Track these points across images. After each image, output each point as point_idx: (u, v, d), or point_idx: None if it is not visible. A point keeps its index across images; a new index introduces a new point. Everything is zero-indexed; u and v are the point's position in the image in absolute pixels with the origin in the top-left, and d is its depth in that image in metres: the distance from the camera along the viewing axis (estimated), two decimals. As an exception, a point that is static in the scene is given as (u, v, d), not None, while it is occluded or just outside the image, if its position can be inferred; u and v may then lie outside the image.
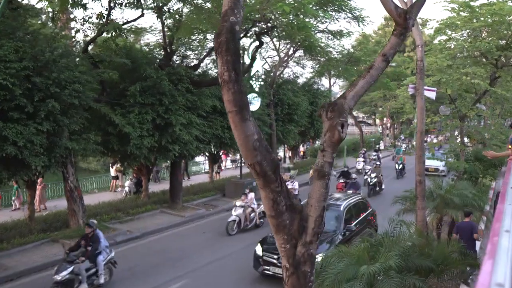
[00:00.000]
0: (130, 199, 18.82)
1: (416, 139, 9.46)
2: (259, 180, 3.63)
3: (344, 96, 3.69)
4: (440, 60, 12.73)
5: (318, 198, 3.75)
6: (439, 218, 11.65)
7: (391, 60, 3.83)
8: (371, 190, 20.99)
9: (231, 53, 3.34)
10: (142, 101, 15.39)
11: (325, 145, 3.70)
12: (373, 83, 3.76)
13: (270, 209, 3.71)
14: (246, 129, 3.44)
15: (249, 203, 15.42)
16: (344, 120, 3.58)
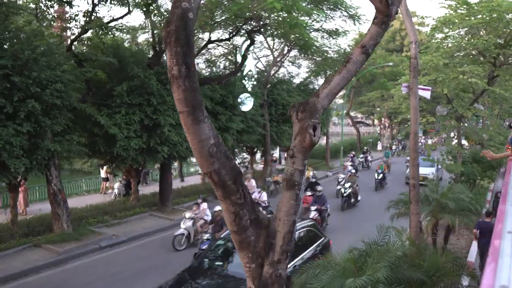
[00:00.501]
0: (119, 202, 18.34)
1: (410, 140, 8.99)
2: (218, 191, 3.16)
3: (317, 94, 3.22)
4: (436, 59, 12.26)
5: (287, 211, 3.27)
6: (435, 223, 11.18)
7: (371, 53, 3.36)
8: (344, 202, 18.83)
9: (182, 44, 2.87)
10: (130, 101, 14.92)
11: (295, 151, 3.23)
12: (350, 78, 3.30)
13: (232, 223, 3.24)
14: (200, 133, 2.97)
15: (200, 214, 13.82)
16: (316, 121, 3.11)
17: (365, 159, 31.36)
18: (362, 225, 12.36)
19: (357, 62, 3.25)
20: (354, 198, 19.38)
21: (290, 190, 3.26)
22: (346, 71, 3.20)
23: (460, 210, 10.97)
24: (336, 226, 15.88)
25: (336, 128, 63.15)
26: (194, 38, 17.84)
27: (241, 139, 20.22)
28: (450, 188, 11.39)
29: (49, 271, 12.01)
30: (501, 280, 1.19)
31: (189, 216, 13.61)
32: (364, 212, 18.62)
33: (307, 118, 3.08)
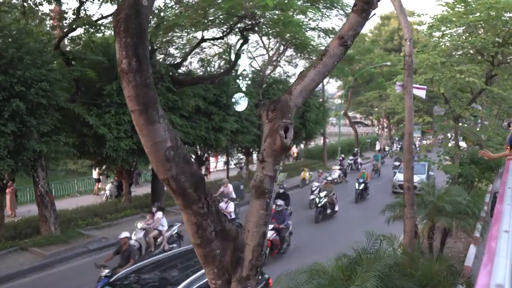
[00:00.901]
0: (111, 203, 18.00)
1: (404, 141, 8.64)
2: (177, 200, 2.83)
3: (290, 91, 2.88)
4: (432, 57, 11.92)
5: (256, 222, 2.94)
6: (431, 227, 10.84)
7: (350, 45, 3.02)
8: (319, 214, 16.67)
9: (132, 34, 2.53)
10: (120, 100, 14.58)
11: (265, 154, 2.89)
12: (327, 74, 2.96)
13: (194, 235, 2.90)
14: (154, 134, 2.64)
15: (153, 225, 12.50)
16: (288, 122, 2.77)
17: (354, 162, 29.86)
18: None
19: (335, 55, 2.91)
20: (330, 209, 17.31)
21: (259, 198, 2.92)
22: (322, 66, 2.86)
23: (457, 213, 10.63)
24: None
25: (335, 129, 62.85)
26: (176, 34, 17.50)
27: (236, 139, 19.88)
28: (447, 190, 11.05)
29: (35, 275, 11.70)
30: (497, 279, 1.19)
31: (141, 227, 12.28)
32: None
33: (278, 118, 2.75)
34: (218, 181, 21.98)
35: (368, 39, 41.72)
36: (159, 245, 12.49)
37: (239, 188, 19.67)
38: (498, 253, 1.41)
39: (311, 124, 26.19)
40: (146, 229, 12.30)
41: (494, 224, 1.87)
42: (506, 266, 1.31)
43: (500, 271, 1.27)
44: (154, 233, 12.46)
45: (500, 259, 1.36)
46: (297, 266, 6.29)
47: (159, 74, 15.31)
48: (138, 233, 12.19)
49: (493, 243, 1.53)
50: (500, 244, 1.51)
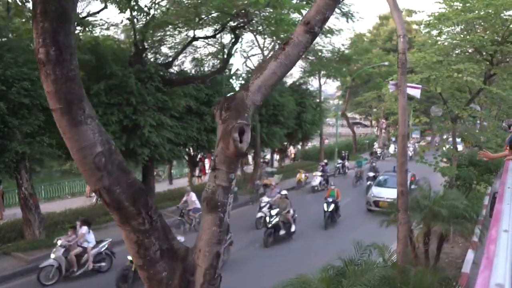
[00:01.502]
0: (100, 206, 17.53)
1: (398, 142, 8.21)
2: (113, 214, 2.40)
3: (247, 87, 2.47)
4: (429, 56, 11.49)
5: (208, 241, 2.52)
6: (426, 232, 10.40)
7: (319, 32, 2.60)
8: (269, 235, 13.65)
9: (51, 18, 2.11)
10: (107, 100, 14.22)
11: (217, 161, 2.46)
12: (291, 66, 2.54)
13: (135, 256, 2.48)
14: (80, 138, 2.23)
15: (75, 241, 11.07)
16: (244, 122, 2.35)
17: (342, 165, 27.57)
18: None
19: (300, 43, 2.49)
20: (284, 230, 14.12)
21: (212, 213, 2.50)
22: (284, 56, 2.44)
23: (454, 218, 10.19)
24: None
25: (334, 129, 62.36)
26: None
27: (229, 140, 19.45)
28: (443, 194, 10.61)
29: (16, 281, 11.28)
30: (497, 279, 1.19)
31: (61, 244, 10.81)
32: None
33: (232, 119, 2.33)
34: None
35: (367, 39, 41.30)
36: (84, 264, 11.11)
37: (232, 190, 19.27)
38: (497, 253, 1.40)
39: (308, 125, 25.77)
40: (67, 246, 10.87)
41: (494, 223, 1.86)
42: (505, 265, 1.30)
43: (500, 270, 1.26)
44: (77, 251, 11.00)
45: (499, 259, 1.35)
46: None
47: (148, 73, 14.93)
48: (57, 250, 10.74)
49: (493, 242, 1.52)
50: (499, 244, 1.50)
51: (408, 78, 12.06)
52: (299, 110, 24.88)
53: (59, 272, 10.65)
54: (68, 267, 10.85)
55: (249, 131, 2.38)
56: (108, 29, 16.00)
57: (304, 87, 26.76)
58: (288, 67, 2.49)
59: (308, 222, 16.29)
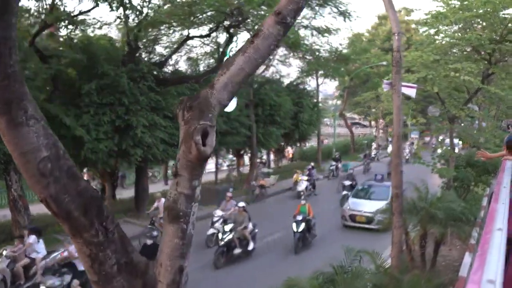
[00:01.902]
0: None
1: (392, 143, 7.98)
2: (63, 226, 2.16)
3: (212, 85, 2.23)
4: (426, 55, 11.26)
5: (170, 254, 2.28)
6: (422, 234, 10.18)
7: (292, 23, 2.36)
8: (220, 255, 11.88)
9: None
10: (99, 100, 13.96)
11: (179, 166, 2.23)
12: (262, 60, 2.31)
13: (89, 270, 2.25)
14: (22, 141, 1.98)
15: (22, 251, 10.15)
16: (208, 124, 2.12)
17: (336, 168, 26.14)
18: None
19: (270, 36, 2.25)
20: (240, 248, 12.27)
21: (173, 223, 2.26)
22: (253, 50, 2.21)
23: (451, 220, 9.98)
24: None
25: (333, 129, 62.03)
26: None
27: (225, 140, 19.21)
28: (440, 196, 10.38)
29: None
30: (489, 275, 1.23)
31: (6, 254, 9.88)
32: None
33: (194, 119, 2.10)
34: (207, 183, 21.32)
35: (365, 39, 41.06)
36: (32, 276, 10.03)
37: (227, 191, 18.99)
38: (491, 250, 1.45)
39: (305, 125, 25.51)
40: (13, 257, 9.94)
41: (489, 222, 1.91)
42: (498, 263, 1.35)
43: (492, 267, 1.31)
44: (24, 262, 10.03)
45: (492, 256, 1.39)
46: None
47: (141, 73, 14.68)
48: (2, 261, 9.80)
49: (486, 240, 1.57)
50: (493, 242, 1.55)
51: (404, 77, 11.84)
52: (296, 110, 24.63)
53: (4, 285, 9.71)
54: (14, 280, 9.86)
55: (214, 133, 2.15)
56: (101, 28, 15.76)
57: (301, 87, 26.49)
58: (257, 62, 2.26)
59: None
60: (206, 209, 18.33)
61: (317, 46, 25.56)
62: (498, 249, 1.48)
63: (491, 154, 7.65)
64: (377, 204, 14.69)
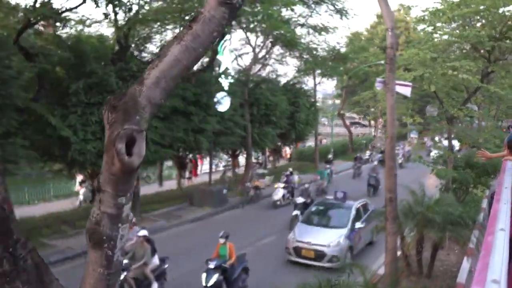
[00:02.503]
0: (83, 209, 16.91)
1: (386, 145, 7.57)
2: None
3: (141, 81, 1.83)
4: (422, 52, 10.84)
5: (94, 285, 1.88)
6: (419, 239, 9.77)
7: (240, 4, 1.95)
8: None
9: None
10: (87, 100, 13.56)
11: (102, 180, 1.83)
12: (203, 50, 1.90)
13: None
14: None
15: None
16: (133, 128, 1.72)
17: (331, 171, 24.20)
18: None
19: (213, 20, 1.85)
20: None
21: (96, 249, 1.87)
22: (191, 37, 1.81)
23: (448, 224, 9.58)
24: None
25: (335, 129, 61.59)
26: None
27: (219, 141, 18.81)
28: (437, 200, 9.98)
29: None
30: (493, 275, 1.22)
31: None
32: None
33: (118, 123, 1.70)
34: (202, 184, 20.93)
35: (364, 37, 40.66)
36: None
37: (221, 192, 18.63)
38: (494, 250, 1.43)
39: (301, 125, 25.09)
40: None
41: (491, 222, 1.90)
42: (502, 262, 1.34)
43: (496, 267, 1.29)
44: None
45: (496, 256, 1.38)
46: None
47: (131, 72, 14.28)
48: None
49: (490, 240, 1.56)
50: (496, 242, 1.53)
51: (400, 76, 11.43)
52: (292, 110, 24.22)
53: None
54: None
55: (143, 140, 1.76)
56: (90, 26, 15.36)
57: (298, 87, 26.04)
58: (197, 52, 1.86)
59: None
60: (200, 211, 18.00)
61: (314, 45, 25.20)
62: (501, 249, 1.46)
63: (491, 154, 7.57)
64: (331, 234, 11.58)
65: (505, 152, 6.26)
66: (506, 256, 1.46)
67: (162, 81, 1.80)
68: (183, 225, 16.55)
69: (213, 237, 14.82)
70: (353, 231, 11.95)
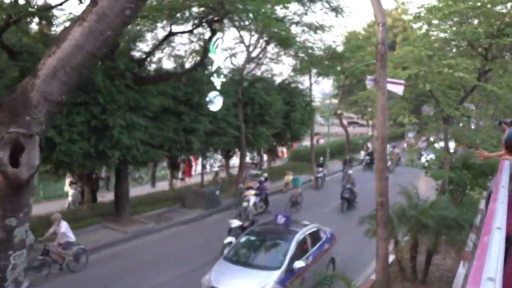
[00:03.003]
0: (72, 212, 16.53)
1: (377, 146, 7.19)
2: None
3: (35, 73, 1.46)
4: (417, 50, 10.46)
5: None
6: (413, 244, 9.41)
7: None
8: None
9: None
10: (73, 99, 13.16)
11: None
12: (111, 34, 1.52)
13: None
14: None
15: None
16: (20, 131, 1.34)
17: (324, 175, 23.29)
18: None
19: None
20: None
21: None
22: (96, 17, 1.44)
23: (443, 228, 9.22)
24: None
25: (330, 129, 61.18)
26: None
27: (211, 141, 18.42)
28: (432, 203, 9.61)
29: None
30: (489, 273, 1.24)
31: None
32: None
33: (3, 125, 1.33)
34: (194, 185, 20.54)
35: (361, 37, 40.26)
36: None
37: (214, 194, 18.25)
38: (490, 249, 1.44)
39: (297, 125, 24.69)
40: None
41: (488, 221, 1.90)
42: (497, 261, 1.35)
43: (492, 265, 1.31)
44: None
45: (492, 254, 1.39)
46: None
47: (119, 70, 13.88)
48: None
49: (486, 239, 1.57)
50: (492, 240, 1.54)
51: (395, 74, 11.06)
52: (287, 110, 23.82)
53: None
54: None
55: (34, 147, 1.38)
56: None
57: (293, 86, 25.61)
58: (105, 36, 1.48)
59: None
60: (192, 212, 17.61)
61: (310, 43, 24.81)
62: (497, 247, 1.46)
63: (489, 154, 7.51)
64: (257, 278, 8.38)
65: (503, 151, 6.16)
66: (501, 255, 1.46)
67: (61, 72, 1.43)
68: (174, 227, 16.16)
69: (204, 239, 14.49)
70: (290, 272, 8.52)
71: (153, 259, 12.58)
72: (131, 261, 12.44)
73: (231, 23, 17.34)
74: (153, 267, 11.86)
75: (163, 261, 12.40)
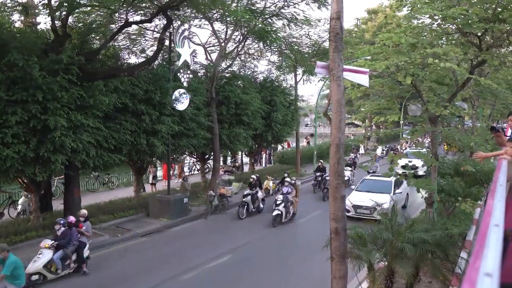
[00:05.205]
0: (22, 221, 14.80)
1: (330, 154, 5.43)
2: None
3: None
4: (397, 36, 8.75)
5: None
6: (389, 273, 7.68)
7: None
8: None
9: None
10: (8, 97, 11.49)
11: None
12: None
13: None
14: None
15: None
16: None
17: (322, 178, 20.73)
18: None
19: None
20: None
21: None
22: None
23: (424, 255, 7.50)
24: None
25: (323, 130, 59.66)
26: None
27: (179, 143, 16.69)
28: (411, 223, 7.87)
29: None
30: (486, 269, 1.25)
31: None
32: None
33: None
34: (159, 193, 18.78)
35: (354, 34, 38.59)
36: None
37: (182, 201, 16.50)
38: (488, 245, 1.45)
39: (278, 126, 22.95)
40: None
41: (485, 218, 1.88)
42: (495, 257, 1.35)
43: (489, 261, 1.32)
44: None
45: (490, 250, 1.39)
46: None
47: (63, 64, 12.15)
48: None
49: (483, 235, 1.58)
50: (490, 237, 1.54)
51: (371, 65, 9.35)
52: (268, 109, 22.09)
53: None
54: None
55: None
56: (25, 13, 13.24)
57: (276, 84, 23.81)
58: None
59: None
60: (155, 222, 15.89)
61: (294, 38, 23.14)
62: (495, 244, 1.45)
63: (487, 153, 7.26)
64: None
65: (503, 151, 5.82)
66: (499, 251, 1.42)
67: None
68: (132, 240, 14.40)
69: (164, 253, 12.78)
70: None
71: (102, 278, 10.83)
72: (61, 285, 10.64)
73: (198, 13, 15.63)
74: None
75: (111, 281, 10.66)
